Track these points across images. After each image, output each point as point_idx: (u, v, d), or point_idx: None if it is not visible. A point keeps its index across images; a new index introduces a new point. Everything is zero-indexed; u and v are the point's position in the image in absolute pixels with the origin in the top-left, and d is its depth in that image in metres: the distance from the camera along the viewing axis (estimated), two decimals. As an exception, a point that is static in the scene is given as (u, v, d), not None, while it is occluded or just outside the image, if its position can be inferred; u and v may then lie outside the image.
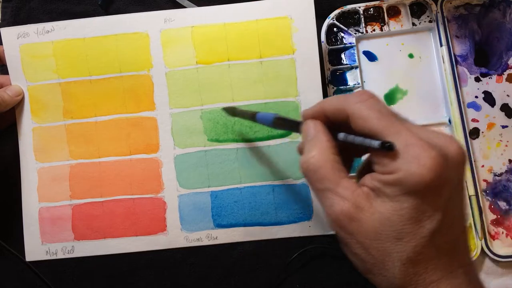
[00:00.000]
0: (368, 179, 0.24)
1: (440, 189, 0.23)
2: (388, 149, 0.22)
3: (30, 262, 0.42)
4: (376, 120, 0.24)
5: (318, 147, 0.26)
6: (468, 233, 0.26)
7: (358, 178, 0.26)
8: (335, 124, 0.27)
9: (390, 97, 0.45)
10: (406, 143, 0.23)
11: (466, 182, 0.23)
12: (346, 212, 0.24)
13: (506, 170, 0.43)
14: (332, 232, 0.42)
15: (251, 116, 0.36)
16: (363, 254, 0.24)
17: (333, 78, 0.44)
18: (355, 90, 0.24)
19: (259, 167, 0.43)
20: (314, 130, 0.27)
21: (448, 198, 0.23)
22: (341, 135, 0.26)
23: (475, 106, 0.44)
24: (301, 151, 0.29)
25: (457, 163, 0.23)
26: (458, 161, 0.23)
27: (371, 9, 0.45)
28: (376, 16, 0.45)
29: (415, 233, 0.23)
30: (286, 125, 0.32)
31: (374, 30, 0.45)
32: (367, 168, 0.26)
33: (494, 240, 0.42)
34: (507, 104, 0.44)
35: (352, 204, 0.24)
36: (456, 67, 0.44)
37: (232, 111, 0.41)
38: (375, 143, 0.23)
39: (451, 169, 0.23)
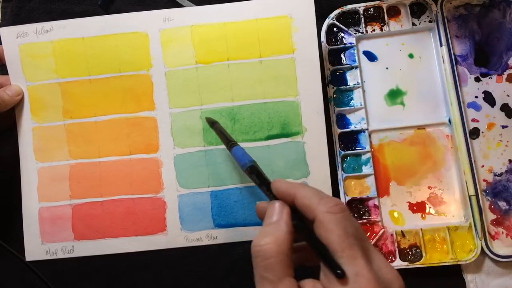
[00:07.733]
0: (310, 285, 0.25)
1: None
2: (337, 276, 0.24)
3: (30, 262, 0.42)
4: (337, 237, 0.25)
5: (276, 237, 0.26)
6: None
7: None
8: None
9: (390, 97, 0.44)
10: (357, 272, 0.23)
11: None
12: None
13: (506, 170, 0.43)
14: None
15: (227, 144, 0.36)
16: None
17: (333, 78, 0.44)
18: (327, 199, 0.25)
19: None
20: (278, 216, 0.27)
21: None
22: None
23: (475, 106, 0.44)
24: (259, 215, 0.30)
25: None
26: None
27: (371, 9, 0.45)
28: (376, 16, 0.45)
29: None
30: (257, 178, 0.31)
31: (374, 30, 0.45)
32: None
33: (494, 240, 0.42)
34: (507, 104, 0.44)
35: None
36: (456, 67, 0.44)
37: (211, 123, 0.41)
38: (330, 265, 0.24)
39: None
